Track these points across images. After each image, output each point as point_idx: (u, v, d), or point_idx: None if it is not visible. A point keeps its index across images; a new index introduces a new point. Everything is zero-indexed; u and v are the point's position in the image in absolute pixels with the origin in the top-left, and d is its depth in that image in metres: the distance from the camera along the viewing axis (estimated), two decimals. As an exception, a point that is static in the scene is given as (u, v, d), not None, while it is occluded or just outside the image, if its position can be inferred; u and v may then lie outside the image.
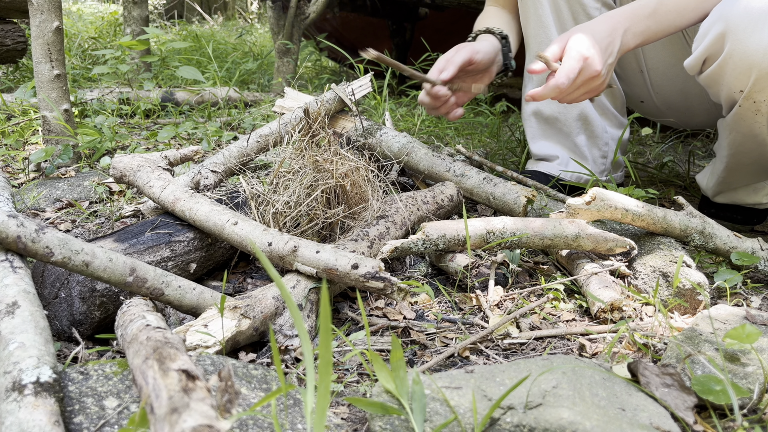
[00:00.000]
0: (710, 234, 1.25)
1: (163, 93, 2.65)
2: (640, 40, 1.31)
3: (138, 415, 0.64)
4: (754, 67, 1.21)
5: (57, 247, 0.91)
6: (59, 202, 1.61)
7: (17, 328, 0.78)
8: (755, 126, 1.34)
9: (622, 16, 1.29)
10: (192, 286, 1.00)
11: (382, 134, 1.63)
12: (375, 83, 1.89)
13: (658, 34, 1.31)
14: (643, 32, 1.30)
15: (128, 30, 3.29)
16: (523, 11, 1.64)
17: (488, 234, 1.19)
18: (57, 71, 1.78)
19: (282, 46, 3.25)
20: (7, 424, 0.64)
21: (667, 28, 1.31)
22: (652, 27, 1.30)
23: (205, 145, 2.10)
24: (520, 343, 1.04)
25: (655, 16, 1.30)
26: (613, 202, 1.20)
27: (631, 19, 1.29)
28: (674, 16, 1.30)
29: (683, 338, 0.94)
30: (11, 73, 3.24)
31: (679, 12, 1.30)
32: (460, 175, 1.53)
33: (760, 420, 0.79)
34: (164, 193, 1.23)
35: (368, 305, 1.15)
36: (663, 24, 1.30)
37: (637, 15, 1.30)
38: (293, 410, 0.78)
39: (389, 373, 0.73)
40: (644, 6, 1.31)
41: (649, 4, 1.30)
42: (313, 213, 1.23)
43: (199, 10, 6.98)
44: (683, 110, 1.79)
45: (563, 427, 0.69)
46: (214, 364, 0.83)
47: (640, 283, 1.19)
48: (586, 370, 0.81)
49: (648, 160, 2.33)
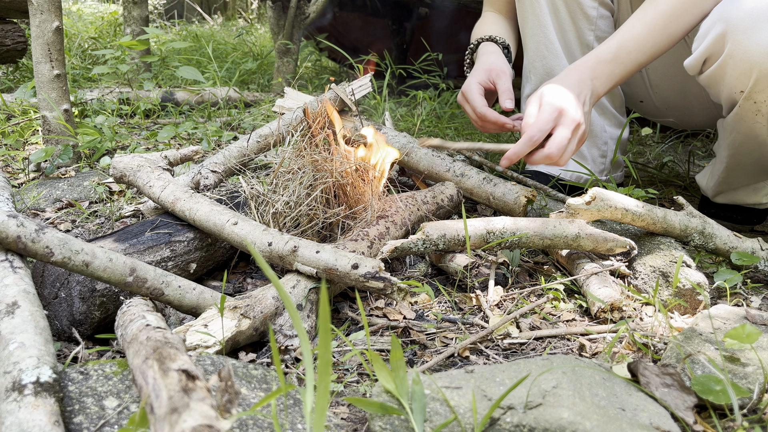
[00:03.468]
0: (710, 234, 1.25)
1: (163, 93, 2.65)
2: (609, 84, 1.32)
3: (138, 415, 0.64)
4: (755, 67, 1.21)
5: (57, 247, 0.91)
6: (59, 202, 1.61)
7: (17, 328, 0.78)
8: (756, 126, 1.34)
9: (586, 65, 1.31)
10: (192, 286, 1.00)
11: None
12: (375, 83, 1.89)
13: (625, 75, 1.33)
14: (609, 76, 1.31)
15: (128, 30, 3.29)
16: (521, 11, 1.64)
17: (488, 234, 1.19)
18: (57, 71, 1.78)
19: (282, 46, 3.25)
20: (7, 424, 0.64)
21: (631, 68, 1.33)
22: (617, 70, 1.31)
23: (205, 145, 2.10)
24: (520, 343, 1.04)
25: (617, 60, 1.31)
26: (613, 202, 1.20)
27: (594, 68, 1.30)
28: (636, 55, 1.31)
29: (683, 338, 0.94)
30: (11, 73, 3.24)
31: (639, 50, 1.32)
32: (460, 175, 1.53)
33: (760, 420, 0.79)
34: (164, 193, 1.23)
35: (368, 305, 1.15)
36: (627, 65, 1.32)
37: (600, 62, 1.31)
38: (293, 410, 0.78)
39: (389, 373, 0.73)
40: (606, 51, 1.32)
41: (610, 49, 1.32)
42: (313, 213, 1.23)
43: (199, 10, 6.98)
44: (682, 110, 1.79)
45: (563, 427, 0.69)
46: (214, 364, 0.83)
47: (640, 283, 1.19)
48: (586, 370, 0.81)
49: (648, 160, 2.33)
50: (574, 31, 1.61)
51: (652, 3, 1.33)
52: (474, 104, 1.45)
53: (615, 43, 1.32)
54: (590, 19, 1.60)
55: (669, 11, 1.31)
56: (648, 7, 1.33)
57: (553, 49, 1.62)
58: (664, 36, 1.32)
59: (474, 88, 1.46)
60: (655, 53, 1.33)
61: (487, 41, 1.60)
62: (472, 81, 1.47)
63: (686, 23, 1.33)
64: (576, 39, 1.62)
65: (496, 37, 1.60)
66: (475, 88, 1.46)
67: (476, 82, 1.47)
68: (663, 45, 1.33)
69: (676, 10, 1.31)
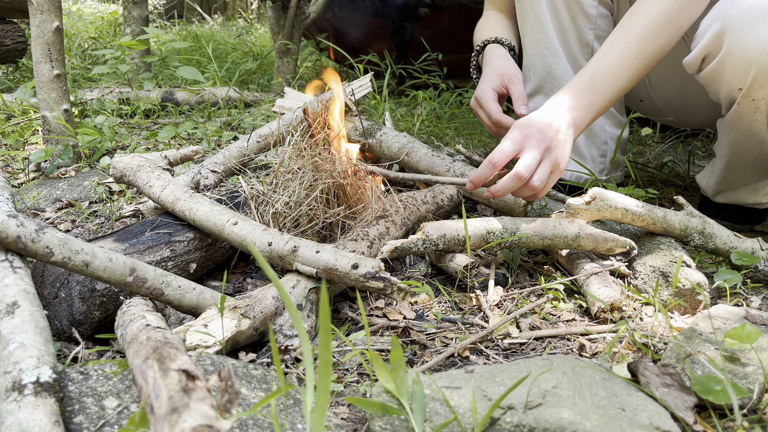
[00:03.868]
0: (710, 234, 1.25)
1: (163, 93, 2.65)
2: (589, 113, 1.28)
3: (138, 415, 0.64)
4: (753, 64, 1.22)
5: (57, 247, 0.91)
6: (59, 202, 1.61)
7: (17, 328, 0.78)
8: (755, 124, 1.34)
9: (563, 97, 1.28)
10: (192, 286, 1.00)
11: (382, 134, 1.63)
12: (375, 83, 1.89)
13: (605, 102, 1.29)
14: (588, 105, 1.27)
15: (128, 30, 3.29)
16: (520, 11, 1.64)
17: (488, 234, 1.19)
18: (57, 71, 1.78)
19: (282, 46, 3.25)
20: (7, 424, 0.64)
21: (611, 95, 1.29)
22: (595, 99, 1.28)
23: (205, 145, 2.10)
24: (520, 343, 1.04)
25: (593, 88, 1.28)
26: (613, 202, 1.20)
27: (571, 99, 1.27)
28: (612, 82, 1.28)
29: (683, 338, 0.94)
30: (11, 73, 3.24)
31: (616, 77, 1.28)
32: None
33: (760, 420, 0.79)
34: (164, 193, 1.23)
35: (368, 305, 1.15)
36: (604, 92, 1.28)
37: (574, 92, 1.28)
38: (293, 410, 0.78)
39: (389, 373, 0.73)
40: (580, 81, 1.29)
41: (584, 78, 1.29)
42: (313, 213, 1.23)
43: (199, 10, 6.98)
44: (682, 109, 1.79)
45: (563, 427, 0.69)
46: (214, 364, 0.83)
47: (640, 283, 1.19)
48: (586, 370, 0.81)
49: (648, 160, 2.33)
50: (574, 30, 1.61)
51: (623, 27, 1.31)
52: (489, 110, 1.45)
53: (588, 72, 1.29)
54: (590, 17, 1.60)
55: (642, 33, 1.28)
56: (620, 32, 1.31)
57: (553, 48, 1.62)
58: (640, 59, 1.29)
59: (488, 94, 1.46)
60: (634, 76, 1.30)
61: (494, 43, 1.60)
62: (486, 86, 1.47)
63: (663, 42, 1.30)
64: (576, 38, 1.62)
65: (502, 39, 1.60)
66: (489, 94, 1.46)
67: (490, 87, 1.47)
68: (641, 68, 1.30)
69: (650, 31, 1.28)
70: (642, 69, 1.30)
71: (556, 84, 1.65)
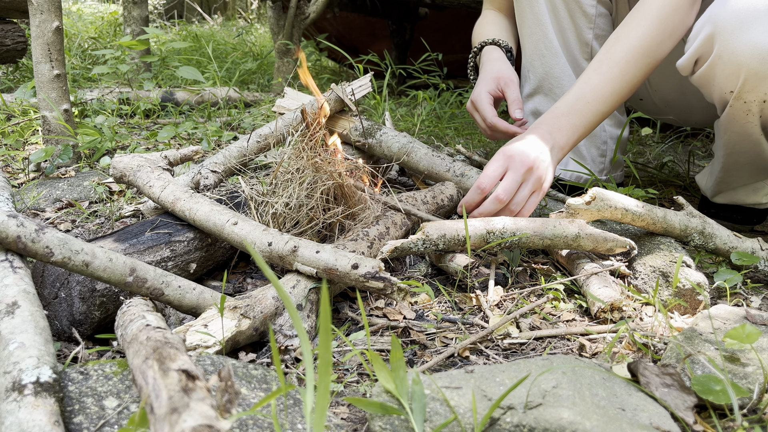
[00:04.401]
0: (710, 234, 1.25)
1: (163, 93, 2.65)
2: (572, 135, 1.31)
3: (138, 415, 0.64)
4: (743, 67, 1.22)
5: (57, 247, 0.91)
6: (59, 202, 1.61)
7: (17, 328, 0.78)
8: (748, 126, 1.34)
9: (545, 122, 1.31)
10: (192, 286, 1.00)
11: (382, 134, 1.63)
12: (375, 83, 1.89)
13: (588, 125, 1.32)
14: (570, 128, 1.30)
15: (128, 30, 3.29)
16: (519, 10, 1.64)
17: (488, 234, 1.19)
18: (57, 71, 1.78)
19: (282, 46, 3.25)
20: (7, 424, 0.64)
21: (594, 118, 1.32)
22: (577, 121, 1.31)
23: (205, 145, 2.10)
24: (520, 343, 1.04)
25: (575, 111, 1.31)
26: (613, 202, 1.20)
27: (553, 122, 1.31)
28: (594, 105, 1.31)
29: (683, 338, 0.94)
30: (11, 73, 3.24)
31: (598, 100, 1.31)
32: (460, 175, 1.53)
33: (760, 420, 0.79)
34: (164, 193, 1.23)
35: (368, 305, 1.15)
36: (587, 115, 1.31)
37: (557, 116, 1.31)
38: (293, 410, 0.78)
39: (389, 373, 0.73)
40: (563, 105, 1.33)
41: (567, 103, 1.32)
42: (313, 213, 1.23)
43: (199, 10, 6.98)
44: (682, 108, 1.79)
45: (563, 427, 0.69)
46: (214, 364, 0.83)
47: (640, 283, 1.19)
48: (586, 370, 0.81)
49: (648, 160, 2.33)
50: (573, 30, 1.61)
51: (607, 51, 1.34)
52: (484, 114, 1.47)
53: (572, 97, 1.32)
54: (589, 17, 1.60)
55: (624, 58, 1.31)
56: (603, 56, 1.34)
57: (552, 47, 1.62)
58: (622, 83, 1.32)
59: (484, 98, 1.47)
60: (617, 99, 1.33)
61: (491, 45, 1.61)
62: (482, 90, 1.48)
63: (646, 66, 1.33)
64: (575, 37, 1.62)
65: (500, 41, 1.60)
66: (485, 97, 1.48)
67: (486, 91, 1.48)
68: (624, 91, 1.32)
69: (632, 56, 1.32)
70: (625, 92, 1.33)
71: (556, 84, 1.65)
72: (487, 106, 1.47)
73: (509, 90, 1.48)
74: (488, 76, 1.51)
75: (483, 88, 1.49)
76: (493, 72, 1.51)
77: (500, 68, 1.52)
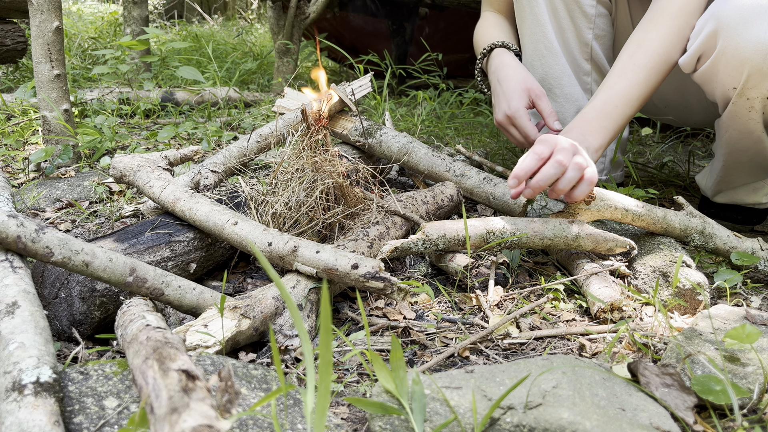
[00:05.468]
0: (710, 234, 1.25)
1: (163, 93, 2.65)
2: (603, 136, 1.32)
3: (138, 415, 0.64)
4: (746, 63, 1.22)
5: (57, 247, 0.90)
6: (59, 202, 1.61)
7: (17, 328, 0.78)
8: (750, 123, 1.34)
9: (576, 126, 1.33)
10: (192, 286, 1.00)
11: (382, 134, 1.63)
12: (375, 83, 1.89)
13: (617, 126, 1.35)
14: (601, 130, 1.32)
15: (128, 30, 3.29)
16: (519, 11, 1.64)
17: (488, 234, 1.19)
18: (57, 71, 1.78)
19: (282, 46, 3.25)
20: (7, 424, 0.64)
21: (622, 120, 1.35)
22: (607, 124, 1.33)
23: (205, 145, 2.10)
24: (520, 343, 1.04)
25: (604, 114, 1.34)
26: (613, 202, 1.20)
27: (584, 126, 1.32)
28: (623, 108, 1.34)
29: (683, 338, 0.94)
30: (11, 73, 3.24)
31: (626, 103, 1.35)
32: (460, 175, 1.53)
33: (760, 420, 0.79)
34: (164, 193, 1.23)
35: (368, 305, 1.15)
36: (616, 118, 1.34)
37: (587, 120, 1.33)
38: (293, 410, 0.78)
39: (389, 373, 0.73)
40: (591, 110, 1.35)
41: (595, 107, 1.35)
42: (313, 213, 1.23)
43: (199, 10, 6.98)
44: (681, 108, 1.79)
45: (563, 427, 0.69)
46: (214, 364, 0.83)
47: (640, 283, 1.19)
48: (586, 370, 0.81)
49: (648, 160, 2.33)
50: (573, 30, 1.61)
51: (631, 57, 1.36)
52: (527, 131, 1.48)
53: (599, 102, 1.35)
54: (589, 17, 1.60)
55: (649, 64, 1.35)
56: (627, 62, 1.36)
57: (552, 48, 1.62)
58: (647, 87, 1.36)
59: (523, 114, 1.48)
60: (642, 102, 1.37)
61: (501, 47, 1.60)
62: (520, 106, 1.48)
63: (667, 70, 1.37)
64: (575, 38, 1.62)
65: (508, 44, 1.60)
66: (524, 113, 1.49)
67: (522, 106, 1.48)
68: (647, 94, 1.37)
69: (656, 62, 1.35)
70: (648, 95, 1.37)
71: (555, 84, 1.65)
72: (528, 123, 1.48)
73: (542, 102, 1.49)
74: (518, 88, 1.50)
75: (519, 104, 1.48)
76: (520, 83, 1.51)
77: (525, 77, 1.52)
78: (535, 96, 1.49)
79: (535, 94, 1.50)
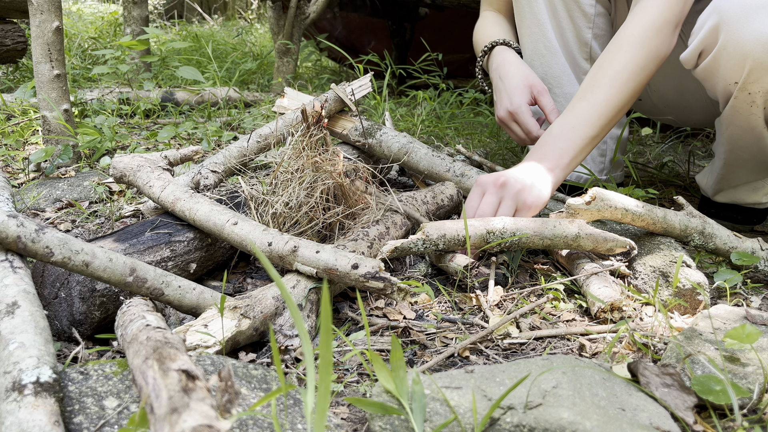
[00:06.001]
0: (710, 234, 1.25)
1: (163, 93, 2.65)
2: (560, 159, 1.31)
3: (138, 415, 0.64)
4: (748, 57, 1.22)
5: (57, 247, 0.90)
6: (59, 202, 1.61)
7: (17, 328, 0.78)
8: (751, 119, 1.34)
9: (535, 149, 1.33)
10: (192, 286, 1.00)
11: (382, 134, 1.63)
12: (375, 83, 1.89)
13: (577, 149, 1.31)
14: (558, 152, 1.31)
15: (128, 30, 3.29)
16: (518, 10, 1.64)
17: (488, 234, 1.19)
18: (57, 71, 1.78)
19: (282, 46, 3.25)
20: (7, 424, 0.64)
21: (582, 141, 1.31)
22: (564, 146, 1.31)
23: (205, 145, 2.10)
24: (520, 343, 1.04)
25: (561, 136, 1.32)
26: (613, 202, 1.20)
27: (540, 149, 1.32)
28: (581, 129, 1.32)
29: (683, 338, 0.94)
30: (11, 73, 3.24)
31: (584, 124, 1.32)
32: (460, 175, 1.53)
33: (760, 420, 0.79)
34: (164, 193, 1.23)
35: (368, 305, 1.15)
36: (575, 138, 1.31)
37: (541, 144, 1.33)
38: (293, 410, 0.78)
39: (389, 373, 0.73)
40: (547, 133, 1.34)
41: (551, 131, 1.34)
42: (313, 213, 1.23)
43: (199, 10, 6.98)
44: (681, 108, 1.79)
45: (563, 427, 0.69)
46: (214, 364, 0.83)
47: (640, 283, 1.19)
48: (586, 370, 0.81)
49: (648, 160, 2.33)
50: (572, 29, 1.61)
51: (592, 78, 1.35)
52: (529, 128, 1.48)
53: (557, 124, 1.34)
54: (588, 16, 1.60)
55: (608, 84, 1.32)
56: (587, 84, 1.35)
57: (551, 47, 1.62)
58: (609, 107, 1.32)
59: (525, 110, 1.48)
60: (605, 122, 1.33)
61: (502, 45, 1.60)
62: (522, 102, 1.48)
63: (632, 90, 1.33)
64: (574, 37, 1.62)
65: (509, 42, 1.60)
66: (527, 110, 1.48)
67: (525, 103, 1.48)
68: (611, 114, 1.33)
69: (617, 81, 1.32)
70: (612, 114, 1.33)
71: (555, 83, 1.66)
72: (529, 119, 1.48)
73: (544, 98, 1.49)
74: (520, 85, 1.50)
75: (521, 100, 1.48)
76: (521, 79, 1.51)
77: (527, 74, 1.52)
78: (537, 92, 1.49)
79: (537, 91, 1.50)
